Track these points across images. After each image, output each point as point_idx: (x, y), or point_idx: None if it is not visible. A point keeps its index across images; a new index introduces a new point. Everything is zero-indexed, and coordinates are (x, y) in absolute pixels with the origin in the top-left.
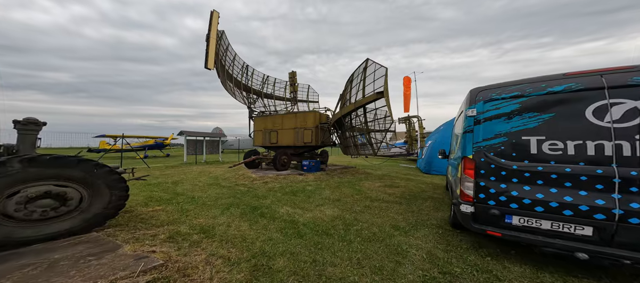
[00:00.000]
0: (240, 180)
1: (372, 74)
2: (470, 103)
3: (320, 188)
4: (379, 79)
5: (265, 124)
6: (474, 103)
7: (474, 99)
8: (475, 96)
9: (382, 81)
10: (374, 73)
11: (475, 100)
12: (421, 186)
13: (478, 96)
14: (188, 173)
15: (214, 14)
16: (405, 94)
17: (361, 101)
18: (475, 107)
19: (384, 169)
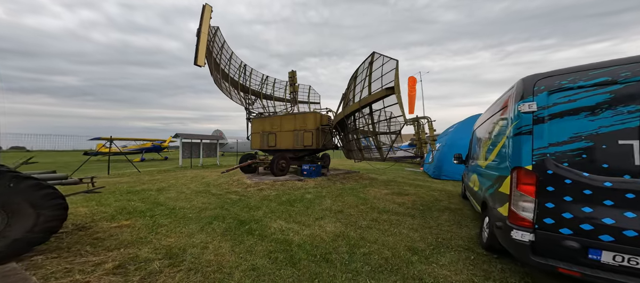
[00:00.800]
0: (234, 187)
1: (380, 68)
2: (523, 95)
3: (321, 196)
4: (388, 74)
5: (263, 126)
6: (532, 95)
7: (530, 89)
8: (533, 85)
9: (392, 75)
10: (382, 67)
11: (534, 91)
12: (433, 194)
13: (538, 85)
14: (179, 178)
15: (206, 8)
16: (410, 94)
17: (367, 98)
18: (536, 100)
19: (389, 174)
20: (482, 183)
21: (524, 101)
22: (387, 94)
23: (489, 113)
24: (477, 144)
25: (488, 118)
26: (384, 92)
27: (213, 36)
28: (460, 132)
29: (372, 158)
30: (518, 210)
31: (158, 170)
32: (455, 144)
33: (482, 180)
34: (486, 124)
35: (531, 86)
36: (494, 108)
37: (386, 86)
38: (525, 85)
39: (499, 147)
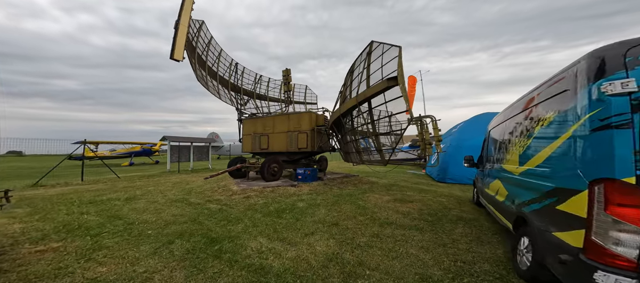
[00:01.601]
0: (217, 194)
1: (379, 58)
2: (606, 71)
3: (315, 204)
4: (390, 64)
5: (255, 127)
6: (625, 68)
7: (617, 61)
8: (623, 54)
9: (394, 65)
10: (382, 57)
11: (626, 63)
12: (441, 200)
13: (632, 54)
14: (161, 184)
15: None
16: (409, 94)
17: (366, 93)
18: (632, 75)
19: (390, 178)
20: (516, 193)
21: (608, 78)
22: (388, 86)
23: (518, 108)
24: (496, 146)
25: (517, 113)
26: (384, 84)
27: (197, 31)
28: (466, 132)
29: (372, 161)
30: (608, 243)
31: (142, 175)
32: (461, 145)
33: (516, 190)
34: (515, 120)
35: (620, 56)
36: (526, 101)
37: (388, 76)
38: (607, 56)
39: (552, 148)
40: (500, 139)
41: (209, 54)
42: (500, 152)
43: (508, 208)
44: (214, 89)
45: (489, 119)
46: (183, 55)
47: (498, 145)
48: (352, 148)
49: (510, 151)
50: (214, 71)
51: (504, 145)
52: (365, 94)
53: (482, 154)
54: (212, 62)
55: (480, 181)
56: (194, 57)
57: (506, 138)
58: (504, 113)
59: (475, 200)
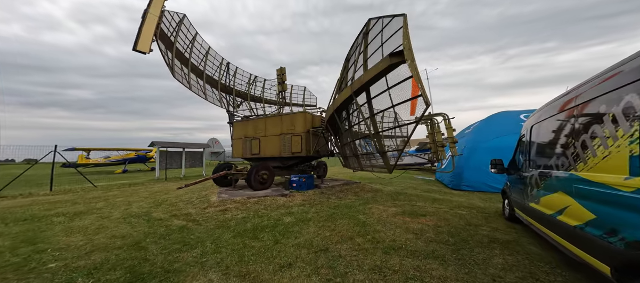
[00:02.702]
0: (190, 207)
1: (379, 36)
2: None
3: (305, 219)
4: (393, 39)
5: (245, 130)
6: None
7: None
8: None
9: (398, 38)
10: (382, 34)
11: None
12: (461, 213)
13: None
14: (135, 194)
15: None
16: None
17: (362, 78)
18: None
19: (396, 184)
20: (623, 221)
21: None
22: (392, 65)
23: (600, 88)
24: (552, 146)
25: (598, 96)
26: (386, 61)
27: (177, 25)
28: (482, 133)
29: (374, 167)
30: None
31: (123, 184)
32: (477, 147)
33: (624, 216)
34: (598, 106)
35: None
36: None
37: (393, 51)
38: None
39: None
40: (562, 136)
41: (194, 51)
42: (563, 154)
43: (599, 241)
44: (199, 88)
45: (507, 118)
46: (150, 47)
47: (557, 145)
48: (348, 150)
49: (598, 153)
50: (199, 70)
51: (573, 144)
52: (362, 80)
53: (514, 157)
54: (198, 60)
55: (517, 192)
56: (172, 52)
57: (579, 133)
58: (558, 103)
59: (508, 213)
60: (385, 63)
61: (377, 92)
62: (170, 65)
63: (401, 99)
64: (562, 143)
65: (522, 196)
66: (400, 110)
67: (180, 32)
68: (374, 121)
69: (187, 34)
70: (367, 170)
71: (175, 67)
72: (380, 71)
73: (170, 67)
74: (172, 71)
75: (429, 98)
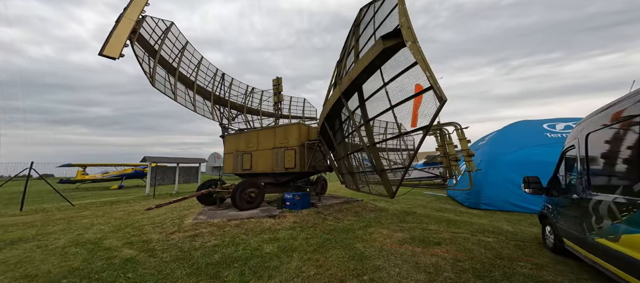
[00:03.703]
0: (154, 232)
1: (371, 22)
2: None
3: (289, 249)
4: (388, 21)
5: (237, 144)
6: None
7: None
8: None
9: (394, 19)
10: (373, 19)
11: None
12: (486, 241)
13: None
14: (103, 215)
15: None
16: (415, 106)
17: (351, 73)
18: None
19: (404, 201)
20: None
21: None
22: (386, 50)
23: None
24: (629, 164)
25: None
26: (379, 46)
27: (163, 33)
28: (501, 144)
29: (373, 188)
30: None
31: (105, 202)
32: (496, 160)
33: None
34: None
35: None
36: None
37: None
38: None
39: None
40: None
41: (184, 61)
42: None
43: None
44: (188, 100)
45: (528, 128)
46: (121, 52)
47: None
48: (344, 165)
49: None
50: (189, 80)
51: None
52: (351, 76)
53: (556, 174)
54: (189, 70)
55: (568, 219)
56: (154, 60)
57: None
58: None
59: (553, 244)
60: (378, 48)
61: (372, 92)
62: (151, 74)
63: (403, 97)
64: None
65: (578, 226)
66: (403, 114)
67: (167, 40)
68: (370, 130)
69: (176, 43)
70: (364, 192)
71: (157, 76)
72: (372, 60)
73: (150, 76)
74: (153, 80)
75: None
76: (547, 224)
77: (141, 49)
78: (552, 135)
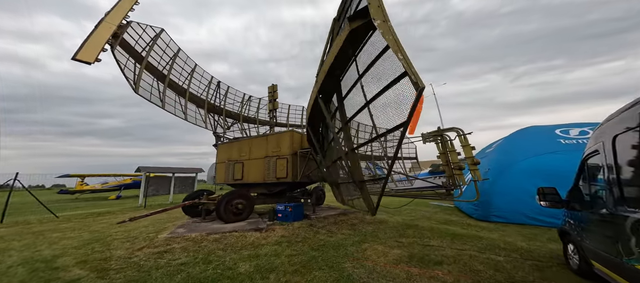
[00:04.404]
0: (122, 247)
1: (348, 10)
2: None
3: (268, 269)
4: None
5: (229, 153)
6: None
7: None
8: None
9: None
10: (350, 8)
11: None
12: (496, 260)
13: None
14: (80, 228)
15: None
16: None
17: (325, 65)
18: None
19: (406, 213)
20: None
21: None
22: (353, 32)
23: None
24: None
25: None
26: (345, 30)
27: (152, 39)
28: (511, 152)
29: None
30: None
31: (91, 213)
32: (508, 168)
33: None
34: None
35: None
36: None
37: (354, 12)
38: None
39: None
40: None
41: (175, 68)
42: None
43: None
44: (179, 108)
45: (539, 134)
46: (97, 57)
47: None
48: (331, 175)
49: None
50: (181, 88)
51: None
52: (324, 69)
53: (577, 185)
54: (181, 78)
55: (597, 239)
56: (141, 66)
57: None
58: None
59: (578, 265)
60: (346, 31)
61: (349, 88)
62: (135, 80)
63: (379, 89)
64: None
65: (612, 247)
66: (389, 115)
67: (157, 47)
68: (348, 134)
69: (167, 50)
70: (350, 206)
71: (142, 83)
72: (342, 46)
73: (134, 82)
74: (137, 87)
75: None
76: (569, 242)
77: (125, 54)
78: (566, 141)
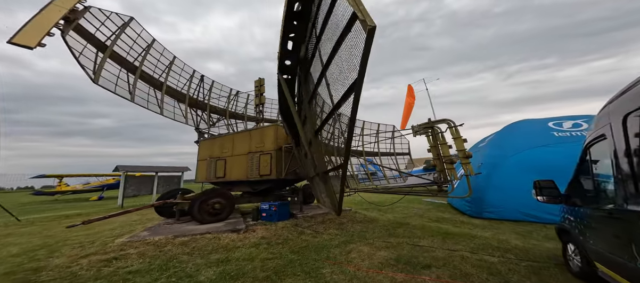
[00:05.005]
0: (65, 255)
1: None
2: None
3: (234, 275)
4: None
5: (211, 150)
6: None
7: None
8: None
9: None
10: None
11: None
12: (490, 261)
13: None
14: (39, 232)
15: None
16: (407, 103)
17: (281, 31)
18: None
19: (398, 211)
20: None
21: None
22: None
23: None
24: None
25: None
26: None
27: (119, 28)
28: (505, 145)
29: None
30: None
31: (60, 216)
32: (501, 162)
33: None
34: None
35: None
36: None
37: None
38: None
39: None
40: None
41: (150, 60)
42: None
43: None
44: (154, 102)
45: (532, 127)
46: (40, 41)
47: None
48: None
49: None
50: (158, 81)
51: None
52: (280, 39)
53: (577, 177)
54: (157, 71)
55: (603, 239)
56: (104, 55)
57: None
58: None
59: (580, 267)
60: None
61: (309, 56)
62: (95, 70)
63: (332, 47)
64: None
65: (622, 250)
66: (340, 80)
67: (126, 37)
68: (312, 115)
69: (138, 40)
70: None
71: (107, 74)
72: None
73: (93, 71)
74: (96, 76)
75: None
76: (569, 241)
77: (81, 41)
78: (559, 134)
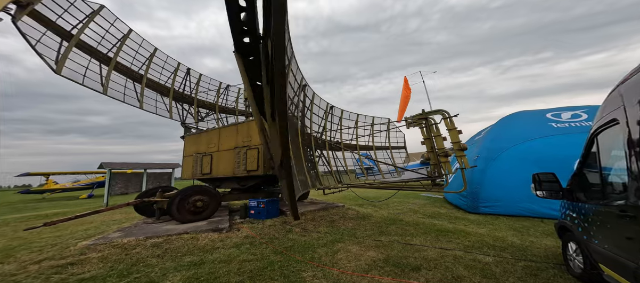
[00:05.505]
0: (19, 260)
1: None
2: None
3: (206, 280)
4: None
5: (197, 145)
6: None
7: None
8: None
9: None
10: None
11: None
12: (484, 262)
13: None
14: (9, 233)
15: None
16: (403, 95)
17: None
18: None
19: (393, 206)
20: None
21: None
22: None
23: None
24: None
25: None
26: None
27: (89, 16)
28: (501, 137)
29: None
30: None
31: (40, 215)
32: (498, 155)
33: None
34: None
35: None
36: None
37: None
38: None
39: None
40: None
41: (127, 51)
42: None
43: None
44: (130, 93)
45: (529, 119)
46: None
47: None
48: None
49: None
50: (137, 74)
51: None
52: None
53: (582, 170)
54: (136, 63)
55: (611, 239)
56: (69, 43)
57: None
58: None
59: (582, 269)
60: None
61: None
62: (57, 59)
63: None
64: None
65: (633, 252)
66: None
67: (96, 26)
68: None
69: (110, 29)
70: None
71: (72, 65)
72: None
73: (55, 61)
74: (59, 67)
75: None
76: (570, 240)
77: (38, 29)
78: (558, 125)
